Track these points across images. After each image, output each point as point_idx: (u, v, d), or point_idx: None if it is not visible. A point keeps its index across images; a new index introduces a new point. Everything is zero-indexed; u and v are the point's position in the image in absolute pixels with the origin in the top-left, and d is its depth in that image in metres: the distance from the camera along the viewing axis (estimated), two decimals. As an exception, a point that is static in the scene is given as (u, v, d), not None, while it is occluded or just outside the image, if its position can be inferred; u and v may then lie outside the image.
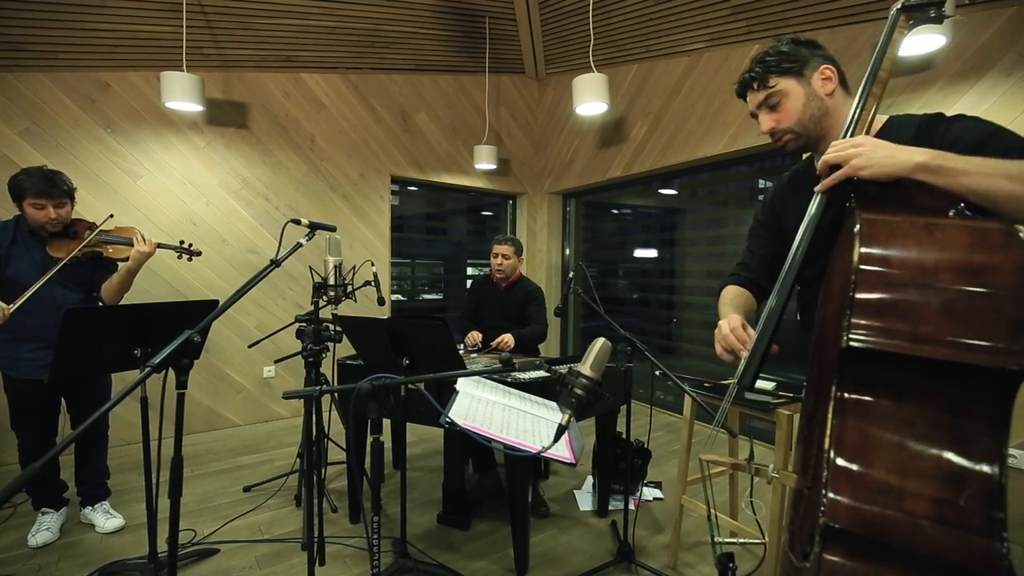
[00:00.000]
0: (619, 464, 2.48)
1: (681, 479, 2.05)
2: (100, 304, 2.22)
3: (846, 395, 0.76)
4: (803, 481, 0.85)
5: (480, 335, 2.82)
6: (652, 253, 4.77)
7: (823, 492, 0.72)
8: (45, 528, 2.17)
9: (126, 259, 2.16)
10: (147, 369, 1.07)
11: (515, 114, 5.02)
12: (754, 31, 3.25)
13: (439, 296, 5.34)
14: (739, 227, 3.97)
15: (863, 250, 0.75)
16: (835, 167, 0.91)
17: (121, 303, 2.23)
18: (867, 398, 0.75)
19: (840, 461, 0.74)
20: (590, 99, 3.28)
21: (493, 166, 4.54)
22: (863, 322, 0.72)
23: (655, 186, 4.61)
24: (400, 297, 4.87)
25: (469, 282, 5.21)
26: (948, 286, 0.69)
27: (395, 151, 4.36)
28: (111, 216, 2.27)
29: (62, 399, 2.22)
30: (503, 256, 2.90)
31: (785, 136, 1.11)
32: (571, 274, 2.22)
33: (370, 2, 3.41)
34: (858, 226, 0.77)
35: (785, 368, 2.44)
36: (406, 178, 4.51)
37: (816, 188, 0.97)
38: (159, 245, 2.21)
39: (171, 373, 1.29)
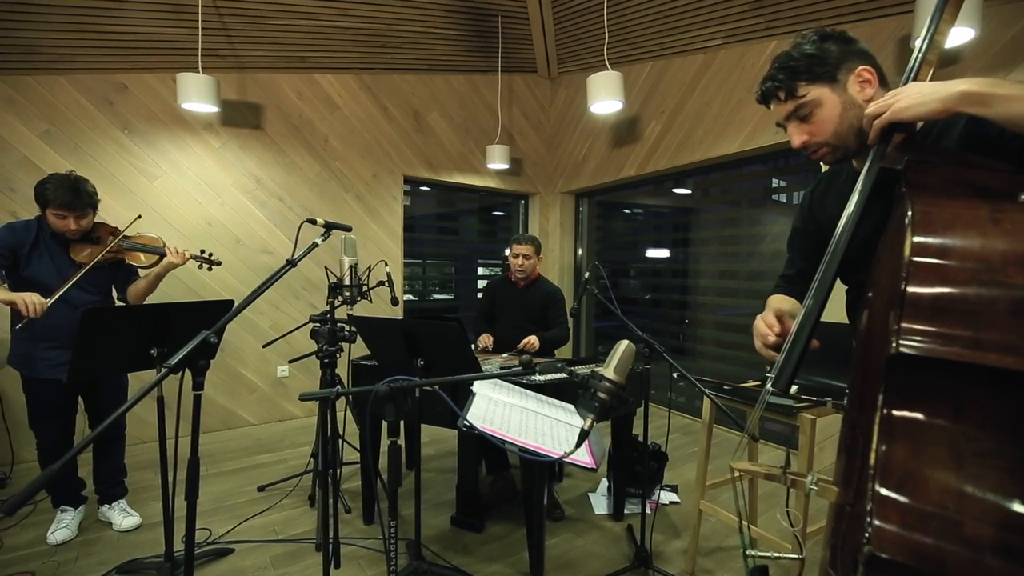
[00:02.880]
0: (635, 467, 2.45)
1: (700, 483, 2.01)
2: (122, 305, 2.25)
3: (894, 407, 0.68)
4: (845, 495, 0.77)
5: (492, 338, 2.79)
6: (664, 253, 4.72)
7: (868, 518, 0.64)
8: (64, 525, 2.19)
9: (146, 265, 2.18)
10: (164, 370, 1.07)
11: (527, 113, 4.99)
12: (772, 27, 3.19)
13: (450, 296, 5.34)
14: (753, 227, 3.91)
15: (916, 240, 0.66)
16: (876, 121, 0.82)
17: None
18: (918, 411, 0.66)
19: (887, 482, 0.65)
20: (605, 97, 3.24)
21: (505, 166, 4.53)
22: (916, 325, 0.63)
23: (668, 185, 4.56)
24: (411, 297, 4.88)
25: (482, 283, 5.21)
26: (1019, 284, 0.61)
27: (407, 151, 4.36)
28: (139, 217, 2.31)
29: (80, 398, 2.24)
30: (523, 256, 2.87)
31: (821, 150, 1.00)
32: (586, 274, 2.19)
33: (382, 2, 3.41)
34: (910, 214, 0.68)
35: (804, 371, 2.38)
36: (418, 178, 4.51)
37: (869, 140, 0.88)
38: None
39: (187, 373, 1.28)
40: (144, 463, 2.93)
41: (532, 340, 2.70)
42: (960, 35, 2.21)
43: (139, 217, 2.33)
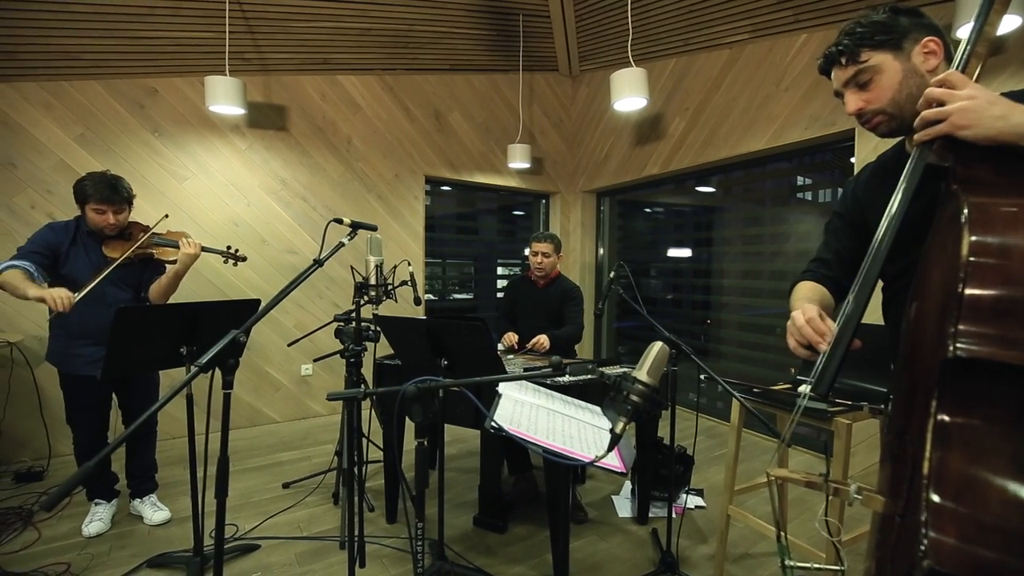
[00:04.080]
0: (660, 470, 2.41)
1: (728, 488, 1.96)
2: (147, 304, 2.29)
3: (948, 413, 0.64)
4: (894, 506, 0.73)
5: (516, 336, 2.77)
6: (686, 252, 4.65)
7: (923, 530, 0.61)
8: (98, 518, 2.25)
9: (174, 261, 2.22)
10: (195, 369, 1.08)
11: (548, 112, 4.96)
12: (801, 20, 3.10)
13: (469, 296, 5.34)
14: (777, 226, 3.82)
15: (974, 239, 0.63)
16: (934, 123, 0.78)
17: (167, 302, 2.30)
18: (975, 417, 0.63)
19: (942, 493, 0.62)
20: (629, 94, 3.20)
21: (526, 165, 4.51)
22: (973, 328, 0.60)
23: (690, 184, 4.48)
24: (431, 296, 4.89)
25: (502, 282, 5.20)
26: None
27: (429, 151, 4.37)
28: (166, 216, 2.36)
29: (113, 394, 2.29)
30: (543, 254, 2.85)
31: (876, 118, 0.96)
32: (611, 274, 2.16)
33: (404, 3, 3.42)
34: (966, 211, 0.65)
35: (843, 372, 2.31)
36: (440, 178, 4.52)
37: (914, 138, 0.84)
38: (206, 249, 2.26)
39: (216, 371, 1.29)
40: (174, 459, 2.99)
41: (542, 340, 2.64)
42: (1004, 23, 2.11)
43: (166, 216, 2.38)
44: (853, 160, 2.91)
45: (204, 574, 1.81)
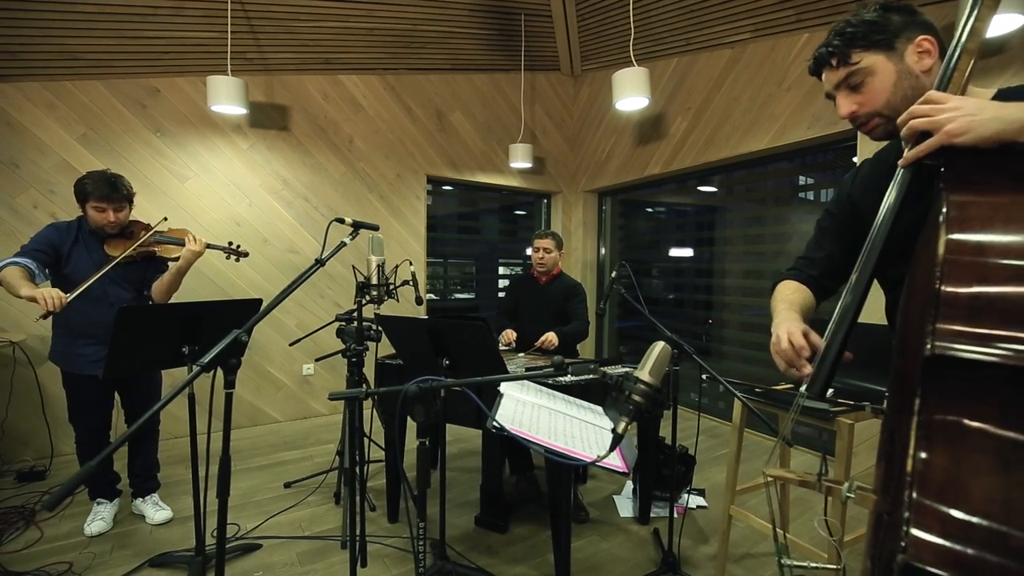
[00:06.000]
0: (662, 470, 2.41)
1: (730, 488, 1.96)
2: (150, 302, 2.30)
3: (932, 412, 0.64)
4: (884, 504, 0.73)
5: (514, 333, 2.78)
6: (688, 252, 4.64)
7: (904, 527, 0.61)
8: (100, 518, 2.26)
9: (176, 259, 2.22)
10: (197, 369, 1.08)
11: (550, 112, 4.96)
12: (803, 19, 3.10)
13: (471, 295, 5.35)
14: (779, 226, 3.82)
15: (951, 237, 0.63)
16: (925, 135, 0.76)
17: (169, 301, 2.30)
18: (959, 415, 0.62)
19: (925, 490, 0.61)
20: (631, 94, 3.20)
21: (528, 165, 4.50)
22: (953, 326, 0.60)
23: (691, 184, 4.47)
24: (433, 296, 4.89)
25: (503, 282, 5.20)
26: None
27: (431, 151, 4.37)
28: (165, 219, 2.36)
29: (116, 393, 2.30)
30: (544, 250, 2.86)
31: (871, 121, 0.94)
32: (613, 274, 2.15)
33: (407, 3, 3.42)
34: (944, 210, 0.65)
35: (840, 374, 2.30)
36: (442, 178, 4.52)
37: (899, 162, 0.82)
38: (209, 246, 2.26)
39: (218, 371, 1.29)
40: (176, 458, 3.00)
41: (550, 337, 2.64)
42: (1006, 22, 2.11)
43: (165, 219, 2.37)
44: (855, 160, 2.90)
45: (206, 574, 1.81)
